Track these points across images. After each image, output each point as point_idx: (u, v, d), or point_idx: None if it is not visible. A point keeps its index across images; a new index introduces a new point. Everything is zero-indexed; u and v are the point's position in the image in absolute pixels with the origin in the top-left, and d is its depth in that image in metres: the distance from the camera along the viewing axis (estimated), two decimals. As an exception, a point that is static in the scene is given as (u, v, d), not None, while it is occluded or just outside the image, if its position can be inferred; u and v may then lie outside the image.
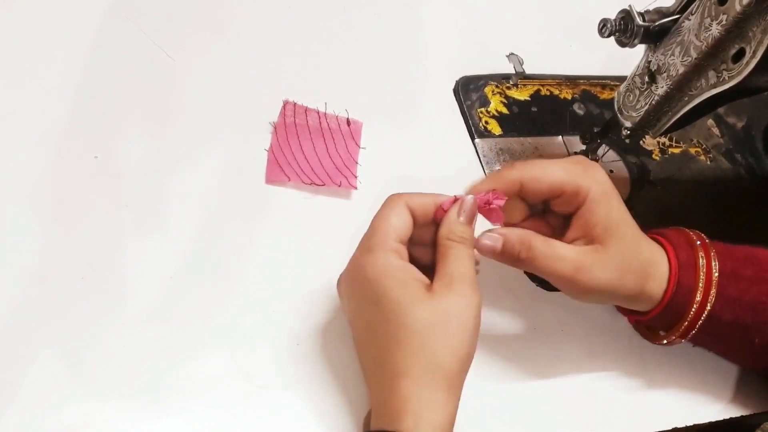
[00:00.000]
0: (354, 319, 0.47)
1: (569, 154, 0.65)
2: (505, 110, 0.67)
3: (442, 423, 0.42)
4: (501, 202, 0.47)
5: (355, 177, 0.57)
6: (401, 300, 0.43)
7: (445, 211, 0.46)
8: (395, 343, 0.43)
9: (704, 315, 0.49)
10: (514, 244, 0.47)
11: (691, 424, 0.54)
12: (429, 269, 0.46)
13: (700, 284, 0.49)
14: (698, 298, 0.48)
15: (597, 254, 0.47)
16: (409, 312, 0.42)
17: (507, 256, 0.47)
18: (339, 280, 0.48)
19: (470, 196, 0.46)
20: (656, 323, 0.52)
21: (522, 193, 0.48)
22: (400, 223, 0.45)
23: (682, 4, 0.51)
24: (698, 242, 0.50)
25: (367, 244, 0.45)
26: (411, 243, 0.47)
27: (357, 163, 0.58)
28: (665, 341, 0.52)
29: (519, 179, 0.47)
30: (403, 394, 0.42)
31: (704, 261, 0.49)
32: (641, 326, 0.55)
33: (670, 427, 0.53)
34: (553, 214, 0.50)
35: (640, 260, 0.49)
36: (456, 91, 0.67)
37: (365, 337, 0.46)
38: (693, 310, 0.49)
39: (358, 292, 0.45)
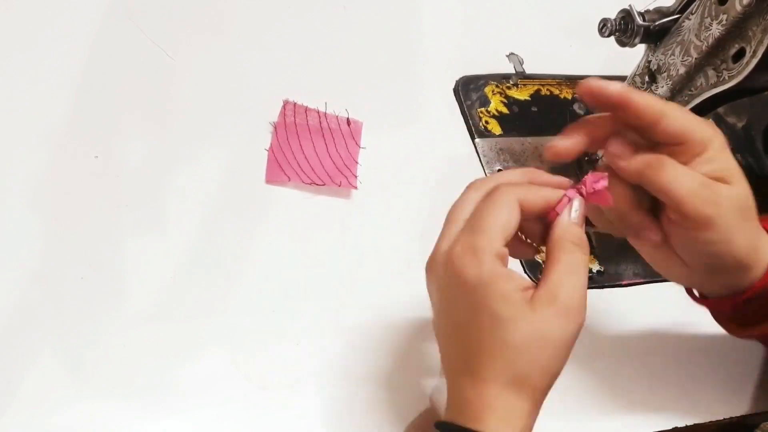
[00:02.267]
0: (442, 315, 0.44)
1: (569, 154, 0.65)
2: (505, 110, 0.67)
3: (522, 430, 0.41)
4: (605, 183, 0.43)
5: (355, 177, 0.57)
6: (502, 314, 0.40)
7: (557, 213, 0.43)
8: (487, 353, 0.41)
9: None
10: (644, 155, 0.42)
11: (691, 423, 0.54)
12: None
13: None
14: None
15: (722, 186, 0.43)
16: (508, 327, 0.40)
17: (633, 165, 0.43)
18: (430, 268, 0.44)
19: (579, 199, 0.43)
20: (745, 312, 0.48)
21: (651, 131, 0.43)
22: (510, 224, 0.41)
23: (682, 4, 0.51)
24: None
25: (472, 242, 0.41)
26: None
27: (357, 163, 0.58)
28: (751, 334, 0.48)
29: (660, 113, 0.42)
30: (488, 398, 0.41)
31: None
32: (726, 316, 0.50)
33: (670, 427, 0.53)
34: None
35: (755, 216, 0.45)
36: (456, 91, 0.66)
37: (454, 336, 0.43)
38: None
39: (453, 292, 0.42)
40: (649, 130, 0.43)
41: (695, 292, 0.50)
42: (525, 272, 0.58)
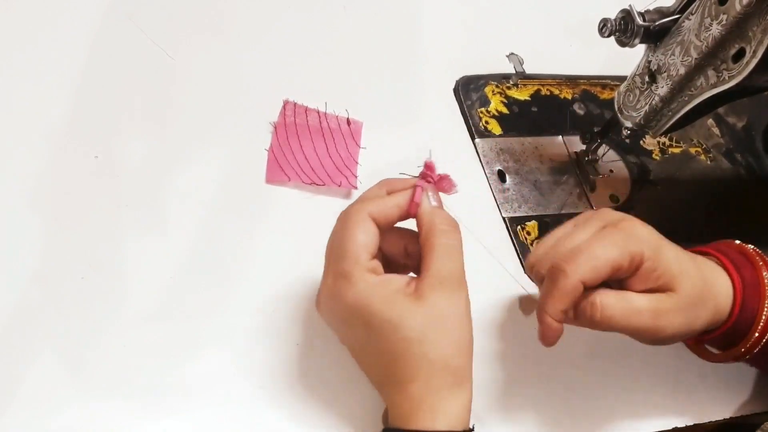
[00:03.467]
0: (346, 340, 0.47)
1: (569, 154, 0.65)
2: (505, 110, 0.67)
3: (458, 413, 0.42)
4: (447, 174, 0.46)
5: (356, 177, 0.57)
6: (391, 318, 0.42)
7: (418, 204, 0.45)
8: (397, 356, 0.42)
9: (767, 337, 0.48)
10: (585, 306, 0.45)
11: (692, 424, 0.54)
12: (409, 252, 0.46)
13: (766, 304, 0.47)
14: (763, 318, 0.47)
15: (671, 299, 0.46)
16: (403, 326, 0.42)
17: (582, 319, 0.46)
18: (318, 306, 0.47)
19: (430, 186, 0.46)
20: (715, 344, 0.51)
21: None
22: (369, 239, 0.43)
23: (682, 4, 0.51)
24: (758, 259, 0.49)
25: (340, 270, 0.43)
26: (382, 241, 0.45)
27: (357, 162, 0.58)
28: (723, 361, 0.51)
29: (579, 283, 0.44)
30: (415, 396, 0.42)
31: None
32: (698, 347, 0.53)
33: (670, 427, 0.53)
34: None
35: (709, 292, 0.47)
36: (456, 91, 0.66)
37: (363, 355, 0.46)
38: (758, 330, 0.47)
39: (344, 318, 0.44)
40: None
41: None
42: (525, 272, 0.58)
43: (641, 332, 0.46)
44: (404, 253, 0.47)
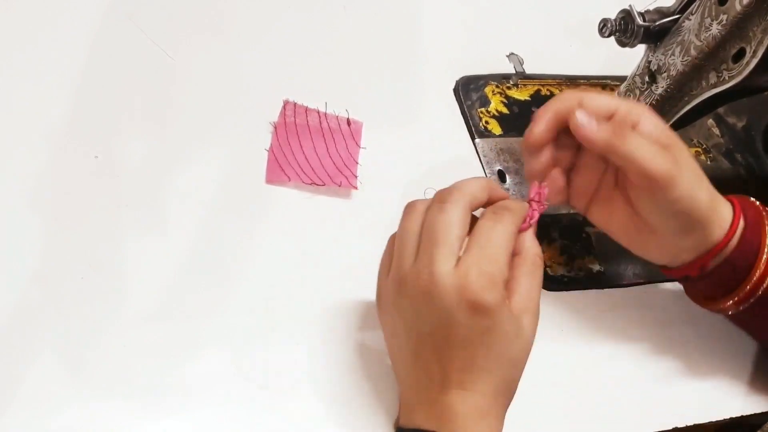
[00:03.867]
0: (429, 333, 0.44)
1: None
2: (505, 110, 0.67)
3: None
4: (546, 191, 0.49)
5: (356, 177, 0.57)
6: (509, 332, 0.43)
7: (528, 226, 0.47)
8: (487, 368, 0.43)
9: (765, 285, 0.48)
10: (624, 115, 0.46)
11: (692, 423, 0.54)
12: None
13: (766, 247, 0.48)
14: (764, 259, 0.48)
15: (677, 150, 0.47)
16: (513, 343, 0.44)
17: (600, 134, 0.47)
18: (400, 285, 0.45)
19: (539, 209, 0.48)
20: (712, 283, 0.51)
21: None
22: (464, 234, 0.44)
23: (682, 4, 0.51)
24: (762, 210, 0.50)
25: (486, 269, 0.43)
26: None
27: (357, 163, 0.58)
28: (721, 307, 0.51)
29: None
30: (482, 408, 0.43)
31: None
32: (695, 288, 0.53)
33: (670, 427, 0.53)
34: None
35: (709, 185, 0.49)
36: (456, 91, 0.66)
37: (443, 353, 0.44)
38: (757, 273, 0.48)
39: (461, 314, 0.43)
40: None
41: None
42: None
43: (649, 168, 0.46)
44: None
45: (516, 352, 0.44)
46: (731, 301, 0.50)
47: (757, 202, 0.51)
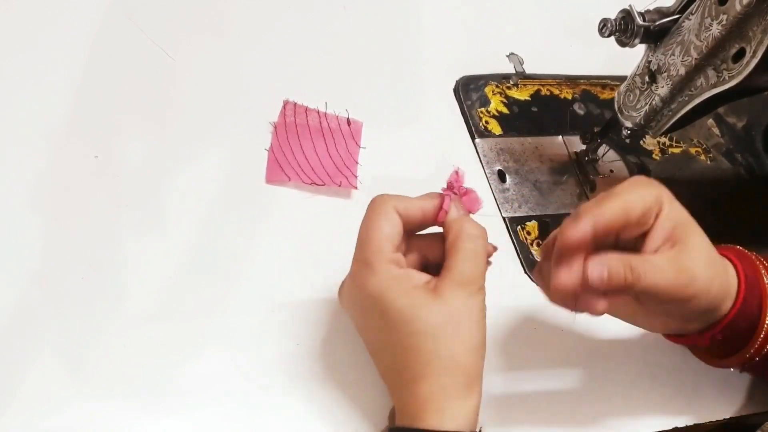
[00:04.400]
0: (363, 331, 0.47)
1: (569, 154, 0.65)
2: (505, 110, 0.67)
3: (466, 414, 0.42)
4: (475, 194, 0.48)
5: (356, 177, 0.57)
6: (407, 309, 0.43)
7: (446, 212, 0.46)
8: (408, 350, 0.43)
9: None
10: (618, 268, 0.43)
11: (692, 424, 0.54)
12: (429, 262, 0.47)
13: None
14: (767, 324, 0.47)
15: (686, 251, 0.45)
16: (418, 318, 0.43)
17: (614, 282, 0.44)
18: (340, 294, 0.48)
19: (456, 198, 0.47)
20: (719, 343, 0.49)
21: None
22: (393, 231, 0.45)
23: (682, 4, 0.51)
24: (757, 262, 0.48)
25: (363, 258, 0.45)
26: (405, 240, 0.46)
27: (357, 163, 0.58)
28: (731, 366, 0.50)
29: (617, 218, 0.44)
30: (423, 395, 0.42)
31: None
32: (700, 349, 0.52)
33: (670, 427, 0.53)
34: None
35: (719, 257, 0.47)
36: (456, 91, 0.66)
37: (377, 347, 0.46)
38: (762, 333, 0.47)
39: (363, 306, 0.45)
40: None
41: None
42: (525, 272, 0.58)
43: (666, 291, 0.44)
44: (423, 261, 0.47)
45: (432, 326, 0.42)
46: (738, 360, 0.49)
47: (753, 255, 0.49)
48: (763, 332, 0.47)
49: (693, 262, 0.45)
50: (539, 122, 0.67)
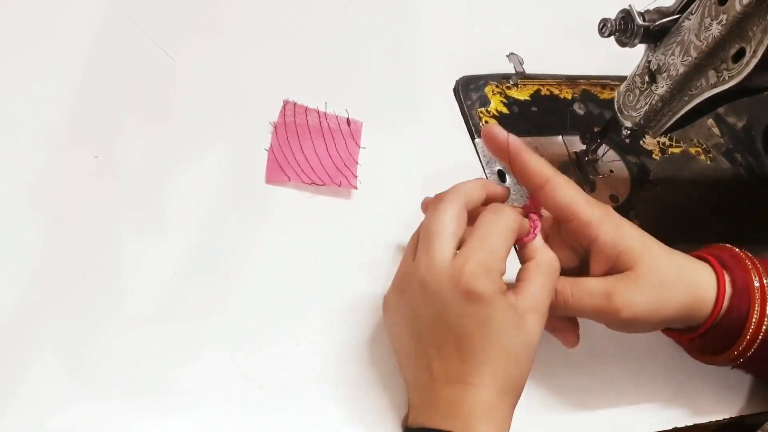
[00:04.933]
0: (431, 325, 0.45)
1: (569, 154, 0.65)
2: (505, 110, 0.67)
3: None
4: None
5: (356, 177, 0.57)
6: (507, 325, 0.43)
7: (535, 236, 0.47)
8: (486, 361, 0.43)
9: (758, 340, 0.47)
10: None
11: (692, 424, 0.54)
12: None
13: (756, 308, 0.47)
14: (754, 321, 0.47)
15: (628, 279, 0.46)
16: (511, 337, 0.43)
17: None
18: (385, 300, 0.49)
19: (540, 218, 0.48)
20: (707, 345, 0.50)
21: (538, 196, 0.48)
22: (510, 247, 0.45)
23: (682, 4, 0.51)
24: (749, 263, 0.49)
25: (484, 260, 0.43)
26: None
27: (357, 163, 0.58)
28: (718, 363, 0.51)
29: (545, 178, 0.47)
30: (484, 403, 0.43)
31: (759, 284, 0.48)
32: (690, 346, 0.53)
33: (670, 427, 0.53)
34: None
35: (682, 279, 0.47)
36: (456, 91, 0.66)
37: (446, 346, 0.44)
38: (749, 334, 0.47)
39: (460, 305, 0.43)
40: (536, 195, 0.48)
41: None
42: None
43: (598, 315, 0.47)
44: None
45: (518, 349, 0.44)
46: (725, 360, 0.50)
47: (743, 255, 0.50)
48: (749, 334, 0.47)
49: (632, 289, 0.46)
50: (539, 122, 0.67)
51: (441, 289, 0.43)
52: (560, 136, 0.66)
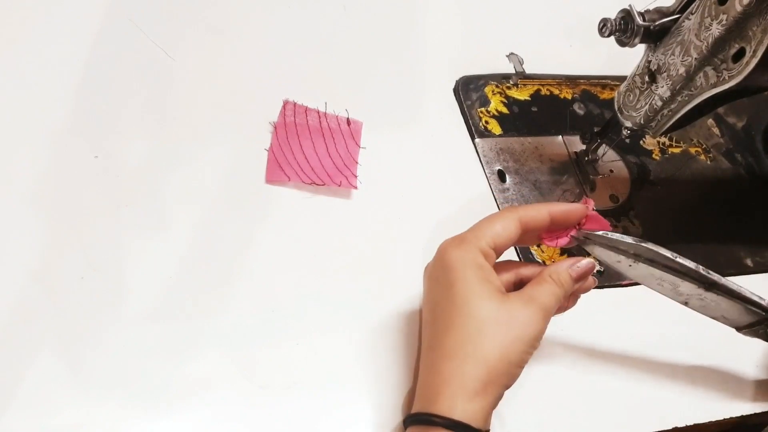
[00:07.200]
0: (427, 302, 0.48)
1: (569, 154, 0.65)
2: (505, 110, 0.67)
3: (474, 413, 0.42)
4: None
5: (355, 177, 0.57)
6: (473, 291, 0.44)
7: (568, 240, 0.49)
8: (452, 326, 0.44)
9: None
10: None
11: (691, 424, 0.54)
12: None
13: None
14: None
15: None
16: (477, 303, 0.44)
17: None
18: (427, 266, 0.49)
19: (588, 261, 0.48)
20: None
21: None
22: (503, 232, 0.46)
23: (682, 4, 0.51)
24: None
25: (461, 236, 0.46)
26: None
27: (357, 162, 0.58)
28: None
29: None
30: (446, 375, 0.43)
31: None
32: None
33: (670, 427, 0.53)
34: None
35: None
36: (456, 91, 0.67)
37: (429, 318, 0.47)
38: None
39: (438, 276, 0.46)
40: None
41: None
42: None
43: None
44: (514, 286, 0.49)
45: (485, 316, 0.43)
46: None
47: None
48: None
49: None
50: (539, 122, 0.67)
51: (429, 267, 0.48)
52: (560, 136, 0.67)
